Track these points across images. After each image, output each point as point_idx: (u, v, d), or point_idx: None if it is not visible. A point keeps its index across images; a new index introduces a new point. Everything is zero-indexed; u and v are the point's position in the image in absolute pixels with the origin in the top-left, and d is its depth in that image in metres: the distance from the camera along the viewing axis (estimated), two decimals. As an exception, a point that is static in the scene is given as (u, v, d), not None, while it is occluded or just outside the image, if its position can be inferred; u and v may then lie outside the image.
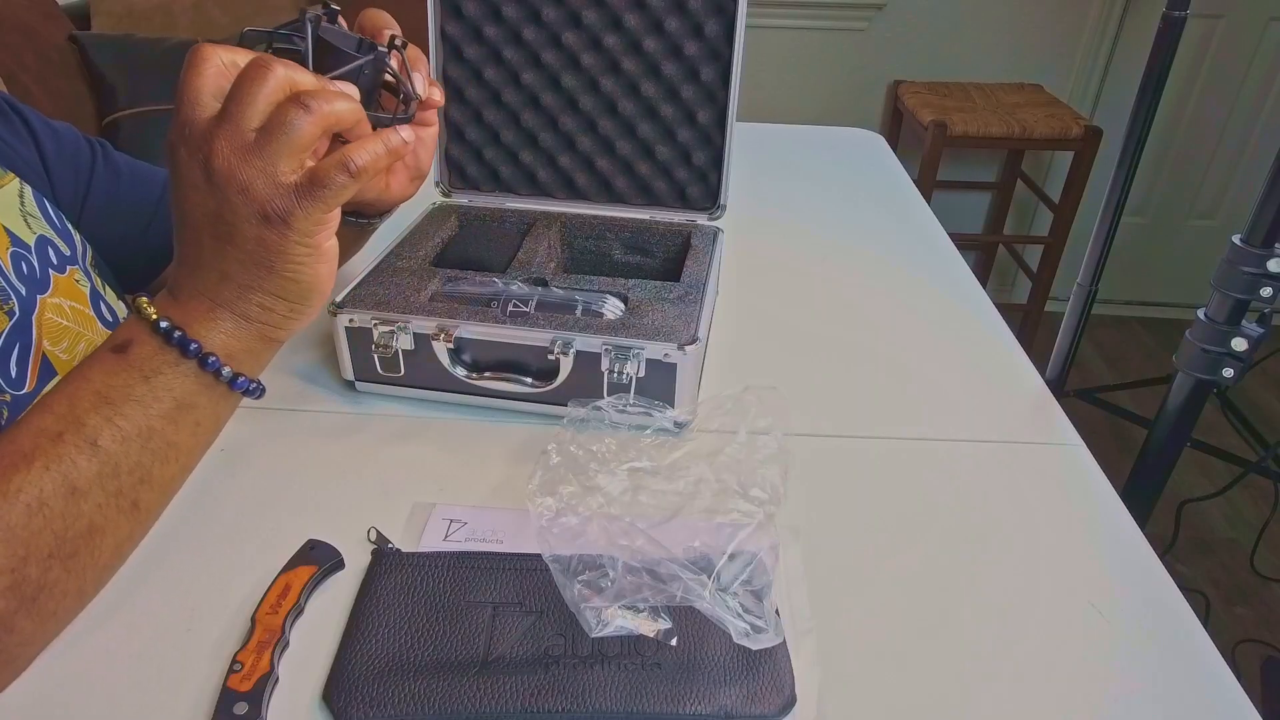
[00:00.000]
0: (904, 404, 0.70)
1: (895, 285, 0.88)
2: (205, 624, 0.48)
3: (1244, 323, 0.94)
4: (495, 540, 0.54)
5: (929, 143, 2.14)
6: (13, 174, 0.62)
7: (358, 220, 0.69)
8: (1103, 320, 2.74)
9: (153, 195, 0.74)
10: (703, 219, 0.80)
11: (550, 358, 0.62)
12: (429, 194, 0.79)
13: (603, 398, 0.58)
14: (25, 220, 0.60)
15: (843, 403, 0.69)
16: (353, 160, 0.47)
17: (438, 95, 0.59)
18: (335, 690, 0.44)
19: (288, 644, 0.47)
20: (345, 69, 0.51)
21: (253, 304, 0.48)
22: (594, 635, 0.43)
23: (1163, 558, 0.55)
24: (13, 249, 0.57)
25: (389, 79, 0.55)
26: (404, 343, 0.63)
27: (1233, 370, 0.95)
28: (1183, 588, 0.53)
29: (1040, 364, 0.82)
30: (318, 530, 0.53)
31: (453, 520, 0.56)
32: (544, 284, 0.69)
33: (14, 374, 0.55)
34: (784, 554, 0.53)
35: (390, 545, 0.52)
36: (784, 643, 0.47)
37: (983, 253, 2.73)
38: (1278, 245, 0.90)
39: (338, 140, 0.50)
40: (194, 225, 0.47)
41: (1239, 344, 0.94)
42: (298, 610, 0.48)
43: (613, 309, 0.66)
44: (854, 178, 1.17)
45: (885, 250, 0.95)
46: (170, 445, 0.48)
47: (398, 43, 0.55)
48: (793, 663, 0.46)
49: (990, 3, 2.36)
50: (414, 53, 0.57)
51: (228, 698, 0.43)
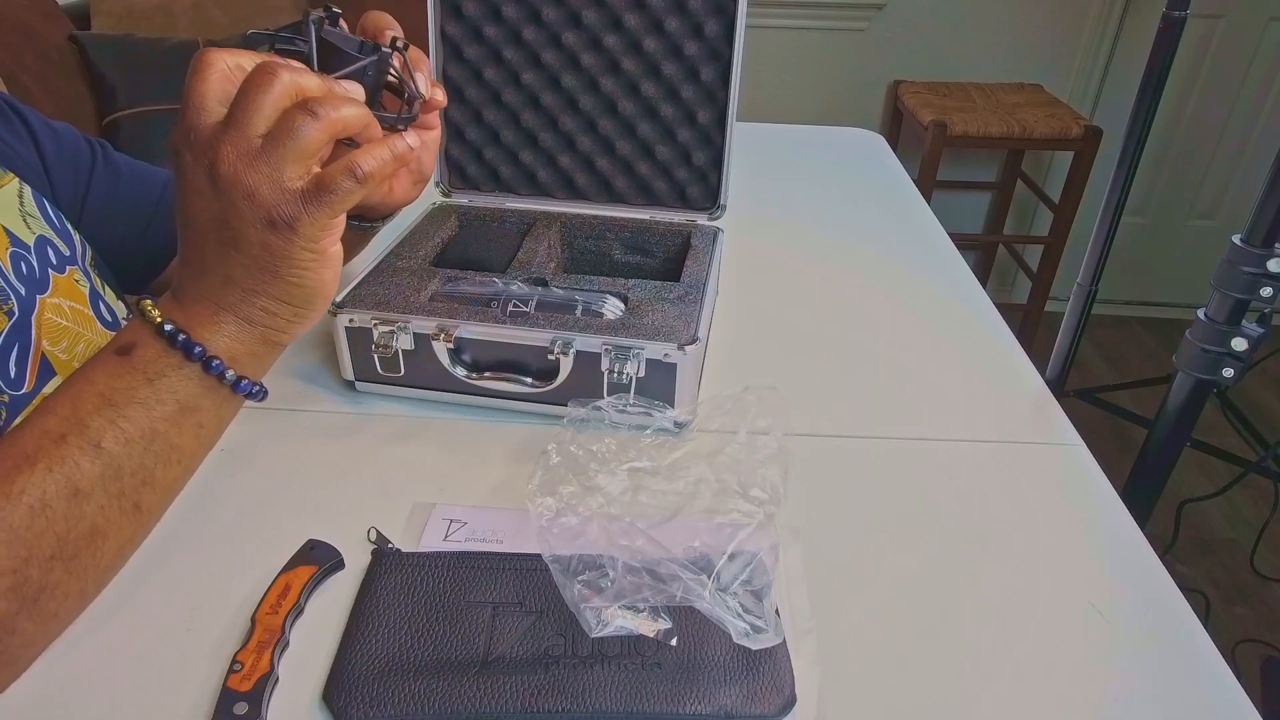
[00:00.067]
0: (904, 404, 0.70)
1: (895, 285, 0.88)
2: (205, 624, 0.48)
3: (1244, 323, 0.94)
4: (495, 540, 0.54)
5: (929, 143, 2.14)
6: (12, 174, 0.62)
7: (360, 224, 0.69)
8: (1103, 320, 2.74)
9: (152, 195, 0.74)
10: (703, 219, 0.80)
11: (550, 358, 0.62)
12: (429, 194, 0.79)
13: (603, 398, 0.58)
14: (24, 220, 0.60)
15: (843, 403, 0.69)
16: (360, 166, 0.47)
17: (440, 96, 0.59)
18: (335, 690, 0.44)
19: (288, 644, 0.47)
20: (349, 70, 0.51)
21: (256, 308, 0.48)
22: (594, 635, 0.43)
23: (1163, 558, 0.55)
24: (12, 249, 0.57)
25: (392, 80, 0.55)
26: (404, 343, 0.63)
27: (1233, 370, 0.95)
28: (1183, 588, 0.53)
29: (1040, 364, 0.82)
30: (318, 530, 0.53)
31: (453, 520, 0.56)
32: (544, 284, 0.69)
33: (13, 374, 0.55)
34: (784, 554, 0.53)
35: (390, 545, 0.52)
36: (784, 643, 0.47)
37: (983, 253, 2.73)
38: (1278, 245, 0.90)
39: (343, 143, 0.50)
40: (198, 230, 0.47)
41: (1239, 344, 0.94)
42: (298, 610, 0.48)
43: (613, 309, 0.66)
44: (854, 178, 1.17)
45: (885, 250, 0.95)
46: (173, 447, 0.48)
47: (400, 44, 0.55)
48: (793, 663, 0.46)
49: (990, 3, 2.36)
50: (415, 54, 0.57)
51: (228, 698, 0.43)
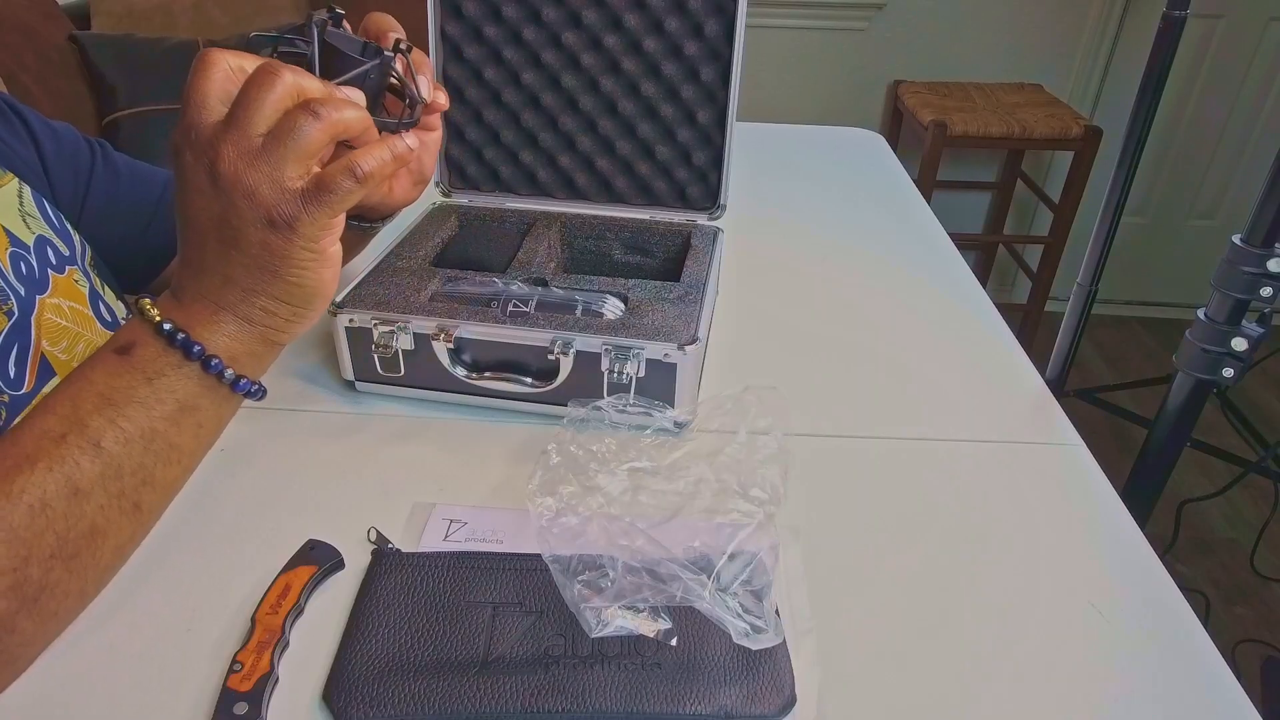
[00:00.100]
0: (904, 404, 0.70)
1: (895, 285, 0.88)
2: (205, 624, 0.48)
3: (1244, 323, 0.94)
4: (495, 540, 0.54)
5: (929, 143, 2.14)
6: (12, 174, 0.62)
7: (360, 224, 0.69)
8: (1103, 320, 2.74)
9: (152, 195, 0.74)
10: (703, 219, 0.80)
11: (550, 358, 0.62)
12: (429, 194, 0.79)
13: (603, 398, 0.58)
14: (24, 220, 0.60)
15: (843, 403, 0.69)
16: (359, 166, 0.47)
17: (442, 99, 0.59)
18: (335, 690, 0.44)
19: (288, 644, 0.47)
20: (352, 74, 0.51)
21: (256, 307, 0.48)
22: (594, 635, 0.43)
23: (1163, 558, 0.55)
24: (11, 249, 0.57)
25: (394, 83, 0.55)
26: (404, 343, 0.63)
27: (1233, 370, 0.95)
28: (1183, 588, 0.53)
29: (1040, 364, 0.82)
30: (318, 530, 0.53)
31: (453, 520, 0.56)
32: (544, 284, 0.69)
33: (12, 374, 0.55)
34: (784, 554, 0.53)
35: (390, 545, 0.52)
36: (784, 643, 0.47)
37: (983, 253, 2.73)
38: (1278, 245, 0.90)
39: (342, 146, 0.50)
40: (198, 229, 0.47)
41: (1239, 344, 0.94)
42: (298, 610, 0.48)
43: (613, 309, 0.66)
44: (854, 178, 1.17)
45: (885, 250, 0.95)
46: (172, 447, 0.48)
47: (403, 46, 0.55)
48: (793, 663, 0.46)
49: (990, 3, 2.36)
50: (418, 56, 0.57)
51: (228, 698, 0.43)
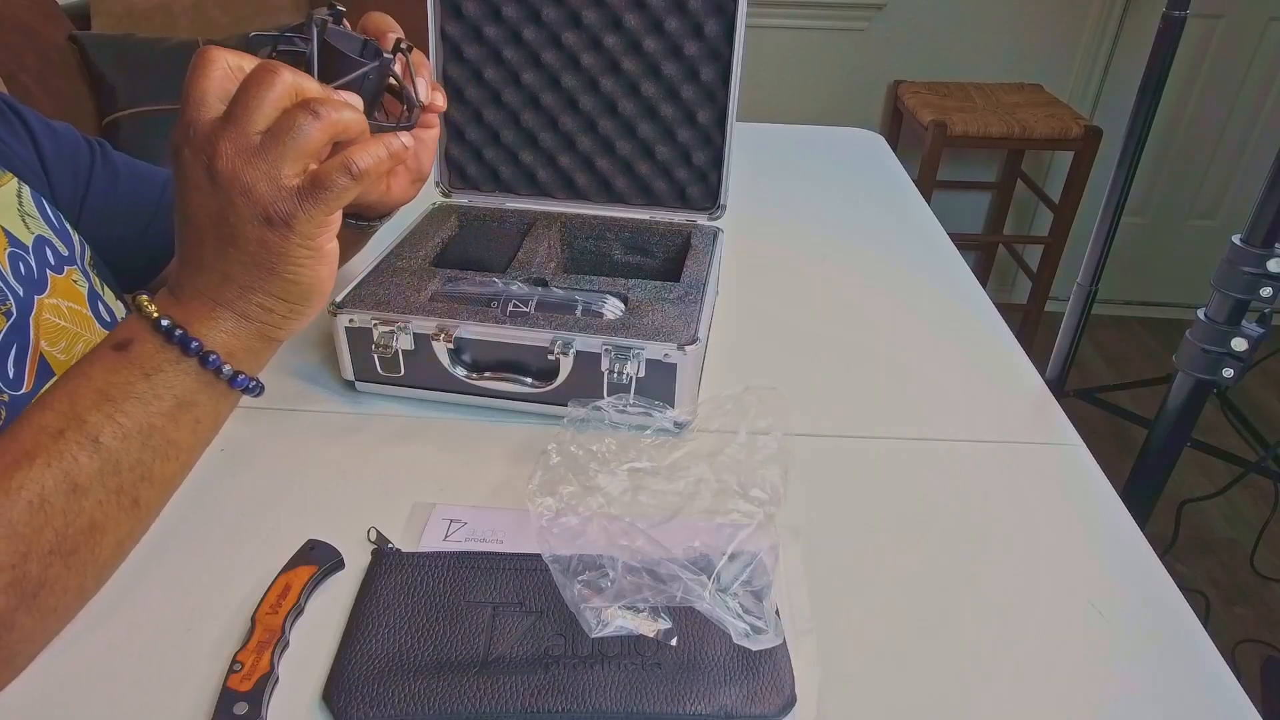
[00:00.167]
0: (904, 404, 0.70)
1: (895, 285, 0.88)
2: (205, 624, 0.48)
3: (1244, 323, 0.94)
4: (495, 540, 0.54)
5: (929, 143, 2.14)
6: (11, 174, 0.62)
7: (358, 223, 0.69)
8: (1103, 320, 2.74)
9: (152, 195, 0.74)
10: (703, 219, 0.80)
11: (550, 358, 0.61)
12: (429, 194, 0.79)
13: (603, 398, 0.58)
14: (23, 220, 0.60)
15: (843, 403, 0.69)
16: (355, 163, 0.47)
17: (440, 100, 0.59)
18: (335, 690, 0.44)
19: (288, 644, 0.47)
20: (351, 76, 0.51)
21: (253, 304, 0.49)
22: (594, 635, 0.43)
23: (1163, 558, 0.55)
24: (10, 249, 0.57)
25: (392, 84, 0.55)
26: (404, 343, 0.63)
27: (1233, 370, 0.95)
28: (1183, 588, 0.53)
29: (1040, 364, 0.82)
30: (318, 530, 0.53)
31: (453, 520, 0.56)
32: (544, 284, 0.69)
33: (11, 374, 0.55)
34: (784, 554, 0.53)
35: (390, 545, 0.52)
36: (784, 643, 0.47)
37: (983, 253, 2.73)
38: (1278, 245, 0.90)
39: (337, 147, 0.50)
40: (196, 226, 0.47)
41: (1239, 344, 0.94)
42: (298, 610, 0.48)
43: (613, 309, 0.66)
44: (854, 178, 1.17)
45: (885, 250, 0.95)
46: (170, 443, 0.48)
47: (403, 46, 0.55)
48: (793, 663, 0.46)
49: (990, 3, 2.36)
50: (417, 57, 0.57)
51: (228, 698, 0.43)
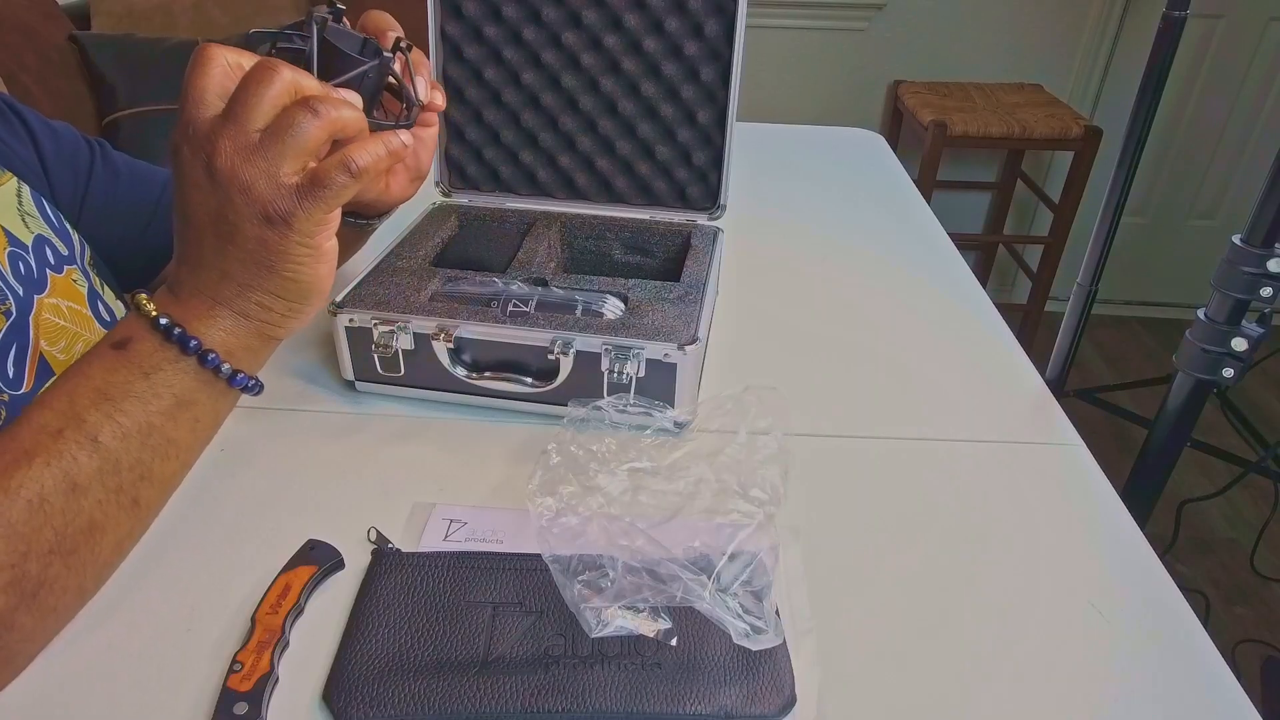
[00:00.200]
0: (904, 404, 0.70)
1: (895, 285, 0.88)
2: (205, 624, 0.48)
3: (1244, 323, 0.94)
4: (495, 540, 0.54)
5: (929, 143, 2.14)
6: (11, 174, 0.62)
7: (357, 221, 0.69)
8: (1103, 320, 2.74)
9: (151, 195, 0.74)
10: (703, 219, 0.80)
11: (550, 358, 0.61)
12: (429, 194, 0.79)
13: (603, 398, 0.58)
14: (23, 220, 0.60)
15: (843, 403, 0.69)
16: (354, 161, 0.47)
17: (440, 99, 0.59)
18: (335, 690, 0.44)
19: (288, 644, 0.47)
20: (350, 75, 0.51)
21: (252, 302, 0.49)
22: (594, 635, 0.43)
23: (1163, 558, 0.55)
24: (10, 249, 0.57)
25: (391, 83, 0.55)
26: (404, 343, 0.63)
27: (1233, 370, 0.95)
28: (1183, 588, 0.53)
29: (1040, 364, 0.82)
30: (318, 530, 0.53)
31: (453, 520, 0.56)
32: (544, 284, 0.69)
33: (11, 374, 0.55)
34: (784, 554, 0.53)
35: (390, 545, 0.52)
36: (784, 643, 0.47)
37: (983, 253, 2.73)
38: (1278, 245, 0.90)
39: (336, 145, 0.50)
40: (195, 224, 0.47)
41: (1239, 344, 0.94)
42: (298, 610, 0.48)
43: (613, 309, 0.66)
44: (854, 178, 1.17)
45: (885, 250, 0.95)
46: (170, 442, 0.48)
47: (402, 45, 0.55)
48: (793, 663, 0.46)
49: (990, 3, 2.36)
50: (416, 56, 0.57)
51: (228, 698, 0.43)
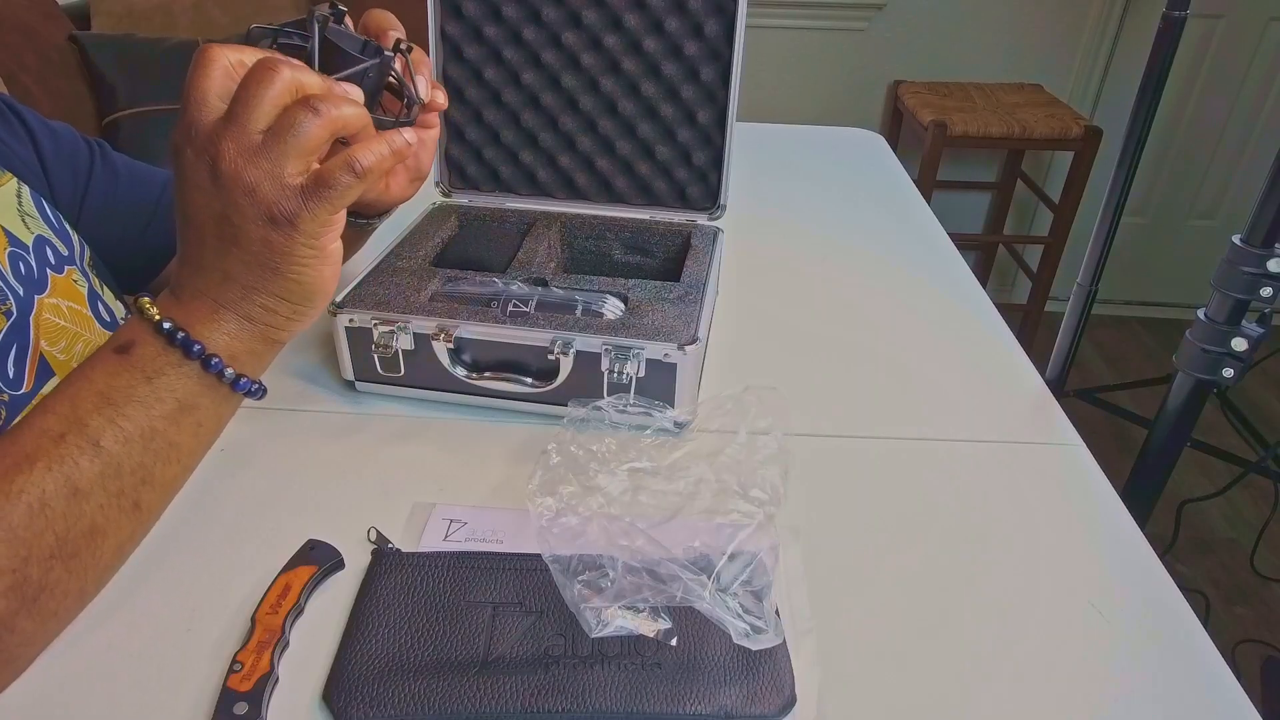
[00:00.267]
0: (904, 404, 0.70)
1: (895, 285, 0.88)
2: (205, 624, 0.48)
3: (1244, 323, 0.94)
4: (495, 540, 0.54)
5: (929, 143, 2.14)
6: (10, 174, 0.62)
7: (356, 221, 0.69)
8: (1103, 320, 2.74)
9: (151, 196, 0.74)
10: (703, 219, 0.80)
11: (550, 358, 0.62)
12: (429, 194, 0.79)
13: (603, 398, 0.58)
14: (23, 220, 0.60)
15: (843, 403, 0.69)
16: (358, 161, 0.47)
17: (441, 99, 0.59)
18: (335, 690, 0.44)
19: (288, 644, 0.47)
20: (351, 72, 0.50)
21: (256, 305, 0.48)
22: (594, 635, 0.43)
23: (1163, 558, 0.55)
24: (10, 249, 0.57)
25: (392, 82, 0.55)
26: (404, 343, 0.63)
27: (1233, 370, 0.95)
28: (1183, 588, 0.53)
29: (1040, 364, 0.82)
30: (318, 530, 0.53)
31: (453, 520, 0.56)
32: (544, 284, 0.69)
33: (11, 374, 0.55)
34: (784, 554, 0.53)
35: (390, 545, 0.52)
36: (784, 643, 0.47)
37: (983, 253, 2.73)
38: (1278, 245, 0.90)
39: (338, 144, 0.50)
40: (198, 226, 0.47)
41: (1239, 344, 0.94)
42: (298, 610, 0.48)
43: (613, 309, 0.66)
44: (854, 178, 1.17)
45: (885, 250, 0.95)
46: (172, 446, 0.48)
47: (403, 45, 0.55)
48: (793, 663, 0.46)
49: (990, 3, 2.36)
50: (417, 55, 0.57)
51: (228, 698, 0.43)
